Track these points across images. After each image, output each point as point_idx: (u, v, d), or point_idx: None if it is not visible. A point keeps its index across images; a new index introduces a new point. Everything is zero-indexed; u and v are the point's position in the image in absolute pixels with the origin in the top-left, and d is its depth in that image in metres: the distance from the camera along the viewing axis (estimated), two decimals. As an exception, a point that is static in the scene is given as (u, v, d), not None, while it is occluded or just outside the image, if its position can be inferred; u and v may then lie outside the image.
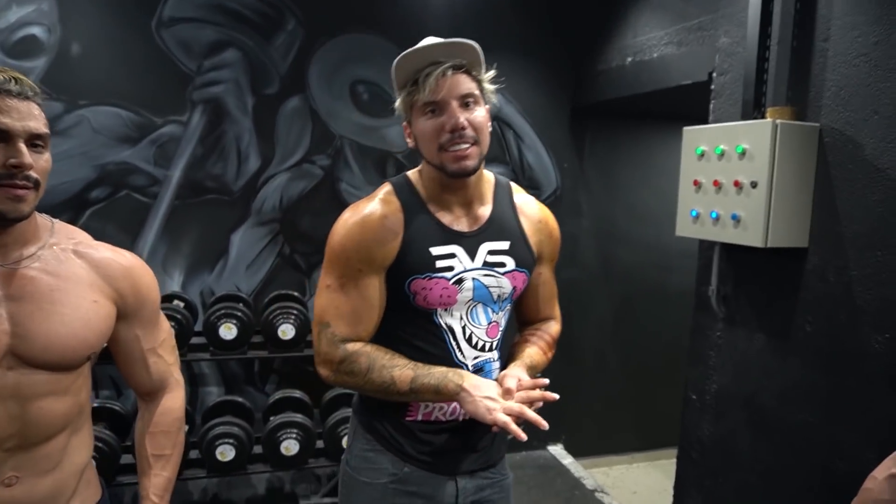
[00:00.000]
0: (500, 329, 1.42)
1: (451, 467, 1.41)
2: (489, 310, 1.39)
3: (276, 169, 3.27)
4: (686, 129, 2.37)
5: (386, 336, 1.38)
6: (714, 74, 2.51)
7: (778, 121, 1.98)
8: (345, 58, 3.32)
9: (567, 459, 3.90)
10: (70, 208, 2.97)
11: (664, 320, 4.05)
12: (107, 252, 1.23)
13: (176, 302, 2.89)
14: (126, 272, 1.23)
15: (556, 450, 4.01)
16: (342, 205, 1.82)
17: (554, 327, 1.58)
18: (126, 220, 3.06)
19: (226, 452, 2.75)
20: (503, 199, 1.44)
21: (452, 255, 1.34)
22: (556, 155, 3.80)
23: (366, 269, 1.31)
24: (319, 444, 2.93)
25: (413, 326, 1.36)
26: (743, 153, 2.08)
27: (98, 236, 1.29)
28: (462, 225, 1.37)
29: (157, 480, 1.33)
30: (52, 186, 2.93)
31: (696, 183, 2.29)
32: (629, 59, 3.17)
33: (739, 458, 2.37)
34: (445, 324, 1.35)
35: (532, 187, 3.75)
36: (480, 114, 1.31)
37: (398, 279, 1.33)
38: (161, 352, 1.35)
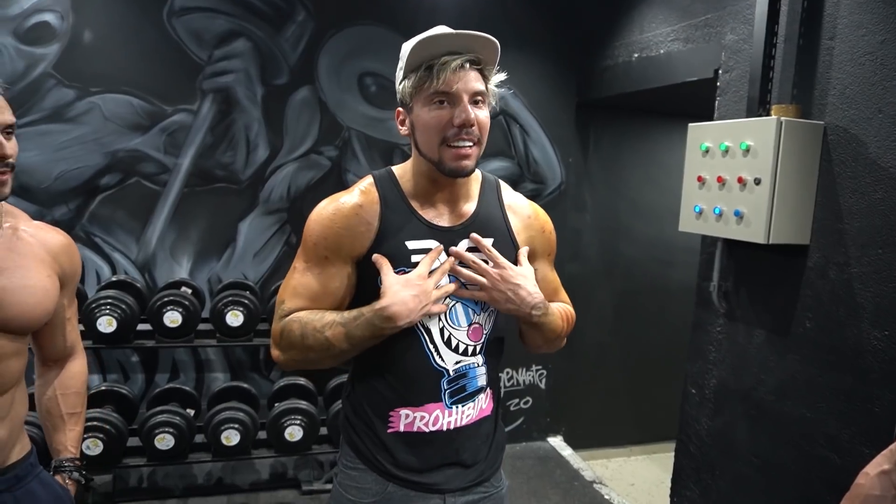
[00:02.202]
0: (485, 333, 1.34)
1: (440, 486, 1.32)
2: (469, 310, 1.31)
3: (285, 159, 3.30)
4: (691, 125, 2.38)
5: None
6: (720, 71, 2.52)
7: (783, 118, 2.00)
8: (353, 50, 3.35)
9: (566, 451, 3.94)
10: (81, 194, 3.00)
11: (665, 315, 4.08)
12: (48, 230, 1.38)
13: (184, 289, 2.93)
14: (65, 247, 1.38)
15: (556, 441, 4.05)
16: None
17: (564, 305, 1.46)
18: (136, 207, 3.09)
19: (231, 437, 2.79)
20: (490, 196, 1.38)
21: (430, 251, 1.27)
22: (561, 150, 3.82)
23: (332, 258, 1.26)
24: (323, 430, 2.98)
25: None
26: (747, 150, 2.09)
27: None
28: (444, 221, 1.31)
29: (73, 434, 1.47)
30: (64, 172, 2.96)
31: (699, 179, 2.31)
32: (635, 56, 3.18)
33: (737, 451, 2.40)
34: (422, 325, 1.27)
35: (537, 182, 3.78)
36: (486, 115, 1.25)
37: (371, 271, 1.26)
38: (74, 321, 1.50)
